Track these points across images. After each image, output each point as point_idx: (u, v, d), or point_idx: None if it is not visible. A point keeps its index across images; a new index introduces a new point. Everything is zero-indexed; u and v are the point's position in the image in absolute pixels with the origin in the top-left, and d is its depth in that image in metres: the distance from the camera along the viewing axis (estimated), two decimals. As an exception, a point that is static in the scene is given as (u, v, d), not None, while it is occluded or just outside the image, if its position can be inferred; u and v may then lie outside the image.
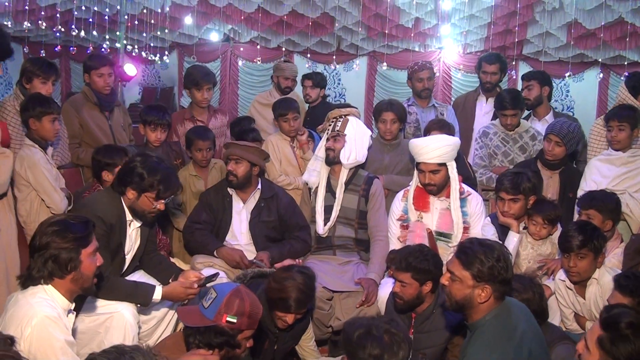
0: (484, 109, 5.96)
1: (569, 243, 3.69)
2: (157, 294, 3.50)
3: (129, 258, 3.79)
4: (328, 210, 4.64)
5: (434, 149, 4.30)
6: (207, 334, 2.84)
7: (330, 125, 4.77)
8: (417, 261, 3.56)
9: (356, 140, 4.66)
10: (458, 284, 2.82)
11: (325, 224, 4.62)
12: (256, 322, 2.94)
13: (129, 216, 3.69)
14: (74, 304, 2.82)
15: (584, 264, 3.67)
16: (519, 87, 8.61)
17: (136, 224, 3.77)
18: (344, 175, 4.66)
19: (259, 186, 4.64)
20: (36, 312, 2.57)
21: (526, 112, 5.62)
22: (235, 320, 2.84)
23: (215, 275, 3.72)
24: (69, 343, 2.63)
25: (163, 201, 3.63)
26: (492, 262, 2.77)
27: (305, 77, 6.78)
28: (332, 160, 4.64)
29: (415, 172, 4.48)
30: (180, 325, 3.64)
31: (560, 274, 3.92)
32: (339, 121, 4.70)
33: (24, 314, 2.57)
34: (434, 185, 4.36)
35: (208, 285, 3.49)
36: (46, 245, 2.68)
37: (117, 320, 3.40)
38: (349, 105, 5.08)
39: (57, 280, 2.70)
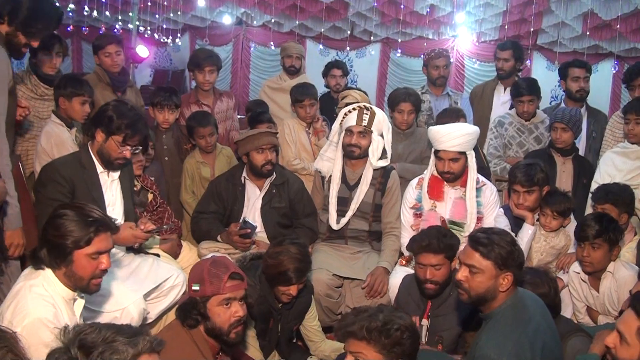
0: (502, 99, 5.87)
1: (584, 232, 3.67)
2: None
3: (116, 213, 3.72)
4: (342, 202, 4.54)
5: (455, 137, 4.23)
6: (188, 310, 2.89)
7: (350, 112, 4.52)
8: (447, 239, 3.61)
9: (385, 137, 4.54)
10: (480, 276, 2.77)
11: (338, 217, 4.52)
12: (223, 286, 2.86)
13: (100, 167, 3.68)
14: (76, 293, 2.72)
15: (597, 255, 3.65)
16: (533, 75, 8.59)
17: (113, 176, 3.75)
18: (369, 174, 4.50)
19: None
20: (29, 312, 2.48)
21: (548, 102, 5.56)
22: (198, 288, 2.86)
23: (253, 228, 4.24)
24: None
25: (129, 148, 3.62)
26: (510, 247, 2.77)
27: (334, 66, 6.61)
28: (357, 157, 4.50)
29: (431, 160, 4.42)
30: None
31: (575, 266, 3.90)
32: (365, 114, 4.46)
33: (19, 310, 2.50)
34: (452, 174, 4.30)
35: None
36: (45, 231, 2.63)
37: (123, 317, 3.36)
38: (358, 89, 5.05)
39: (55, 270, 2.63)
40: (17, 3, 3.35)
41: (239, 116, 6.26)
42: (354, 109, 4.52)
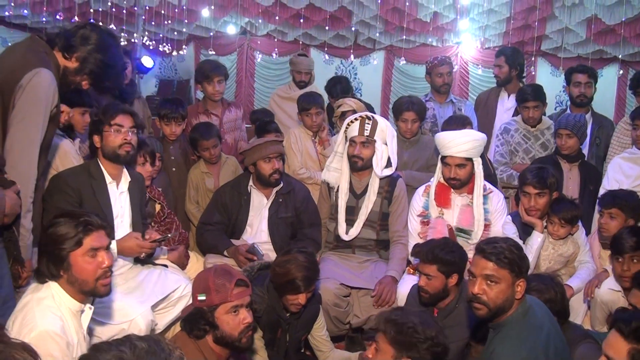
0: (506, 105, 5.86)
1: (621, 245, 3.62)
2: (112, 247, 3.38)
3: (124, 225, 3.73)
4: (349, 211, 4.51)
5: (462, 142, 4.22)
6: (195, 321, 2.87)
7: (353, 122, 4.49)
8: (443, 253, 3.52)
9: (389, 146, 4.50)
10: (498, 286, 2.73)
11: (347, 227, 4.50)
12: (230, 294, 2.85)
13: (109, 178, 3.70)
14: (86, 305, 2.69)
15: (638, 268, 3.53)
16: (537, 81, 8.59)
17: (122, 187, 3.76)
18: (375, 183, 4.47)
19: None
20: (36, 325, 2.46)
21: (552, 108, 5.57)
22: (204, 297, 2.85)
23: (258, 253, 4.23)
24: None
25: (122, 129, 3.66)
26: (519, 252, 2.77)
27: (327, 91, 6.45)
28: (360, 168, 4.48)
29: (438, 167, 4.41)
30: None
31: (609, 284, 3.84)
32: (367, 124, 4.43)
33: (27, 323, 2.48)
34: (458, 180, 4.28)
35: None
36: (42, 242, 2.63)
37: (131, 329, 3.35)
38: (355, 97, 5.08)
39: (59, 280, 2.60)
40: (87, 53, 3.24)
41: (245, 126, 6.27)
42: (355, 119, 4.49)
